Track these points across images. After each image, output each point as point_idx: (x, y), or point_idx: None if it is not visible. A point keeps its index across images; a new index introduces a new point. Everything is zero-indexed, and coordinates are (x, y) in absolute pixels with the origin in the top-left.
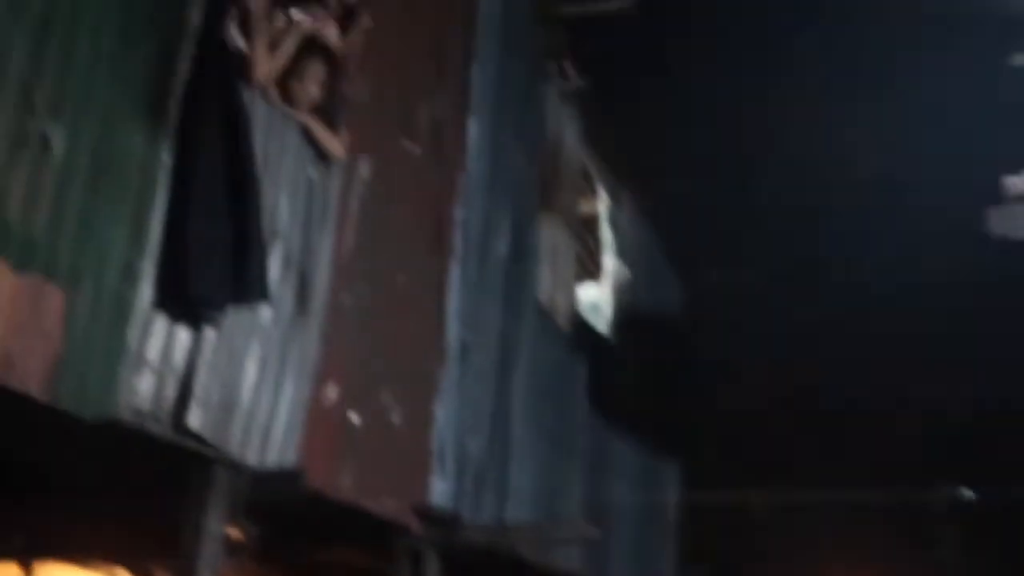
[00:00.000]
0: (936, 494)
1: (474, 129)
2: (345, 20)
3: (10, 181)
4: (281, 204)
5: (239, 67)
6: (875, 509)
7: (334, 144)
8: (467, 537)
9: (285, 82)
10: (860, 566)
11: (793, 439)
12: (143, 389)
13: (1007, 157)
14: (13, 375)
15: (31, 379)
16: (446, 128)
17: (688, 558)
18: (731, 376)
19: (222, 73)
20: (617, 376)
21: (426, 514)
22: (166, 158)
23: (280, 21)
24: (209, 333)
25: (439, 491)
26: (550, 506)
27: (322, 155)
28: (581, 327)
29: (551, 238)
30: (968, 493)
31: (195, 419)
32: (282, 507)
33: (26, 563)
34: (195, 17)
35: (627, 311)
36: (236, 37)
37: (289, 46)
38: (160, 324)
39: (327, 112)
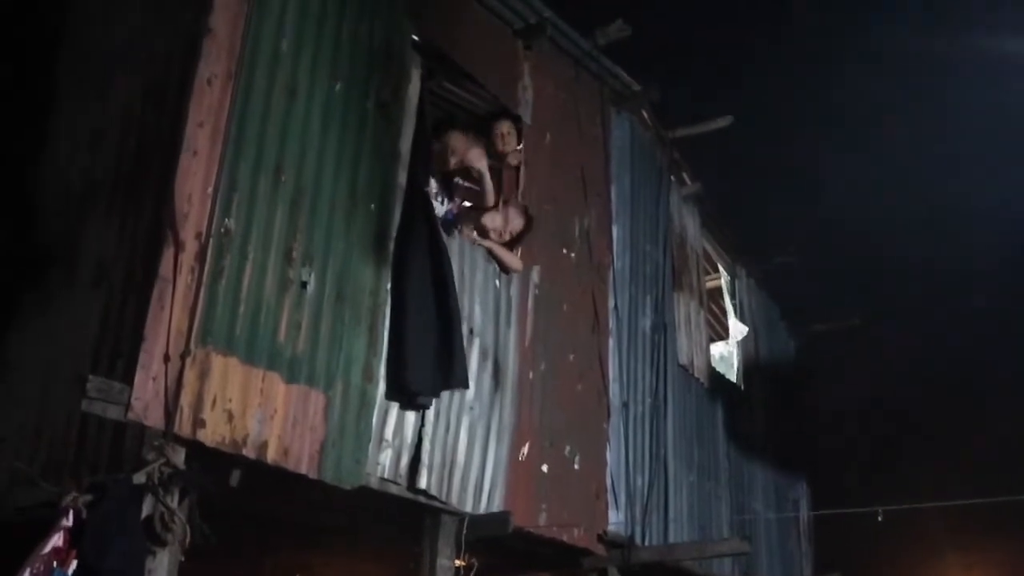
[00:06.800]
0: None
1: (616, 234)
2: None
3: (279, 315)
4: (476, 309)
5: (436, 214)
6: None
7: (514, 261)
8: (640, 556)
9: (485, 227)
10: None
11: (901, 454)
12: (384, 461)
13: None
14: (290, 460)
15: (303, 462)
16: (595, 236)
17: (823, 564)
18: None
19: (425, 218)
20: (748, 414)
21: (606, 539)
22: (388, 285)
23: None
24: (430, 413)
25: (614, 520)
26: (704, 525)
27: (503, 268)
28: (716, 378)
29: (685, 311)
30: None
31: (424, 480)
32: (494, 541)
33: None
34: (402, 178)
35: (751, 362)
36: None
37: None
38: (394, 410)
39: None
